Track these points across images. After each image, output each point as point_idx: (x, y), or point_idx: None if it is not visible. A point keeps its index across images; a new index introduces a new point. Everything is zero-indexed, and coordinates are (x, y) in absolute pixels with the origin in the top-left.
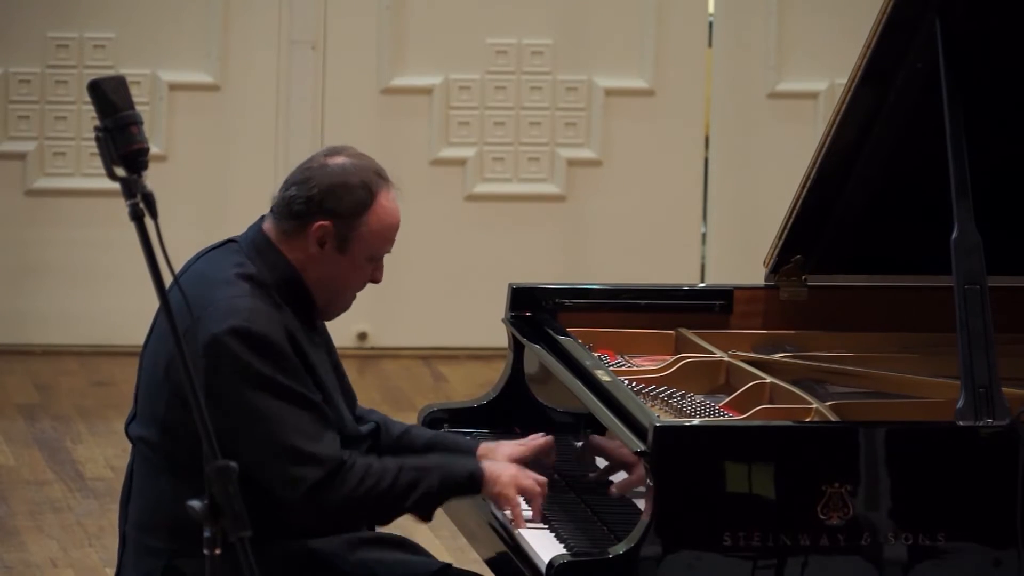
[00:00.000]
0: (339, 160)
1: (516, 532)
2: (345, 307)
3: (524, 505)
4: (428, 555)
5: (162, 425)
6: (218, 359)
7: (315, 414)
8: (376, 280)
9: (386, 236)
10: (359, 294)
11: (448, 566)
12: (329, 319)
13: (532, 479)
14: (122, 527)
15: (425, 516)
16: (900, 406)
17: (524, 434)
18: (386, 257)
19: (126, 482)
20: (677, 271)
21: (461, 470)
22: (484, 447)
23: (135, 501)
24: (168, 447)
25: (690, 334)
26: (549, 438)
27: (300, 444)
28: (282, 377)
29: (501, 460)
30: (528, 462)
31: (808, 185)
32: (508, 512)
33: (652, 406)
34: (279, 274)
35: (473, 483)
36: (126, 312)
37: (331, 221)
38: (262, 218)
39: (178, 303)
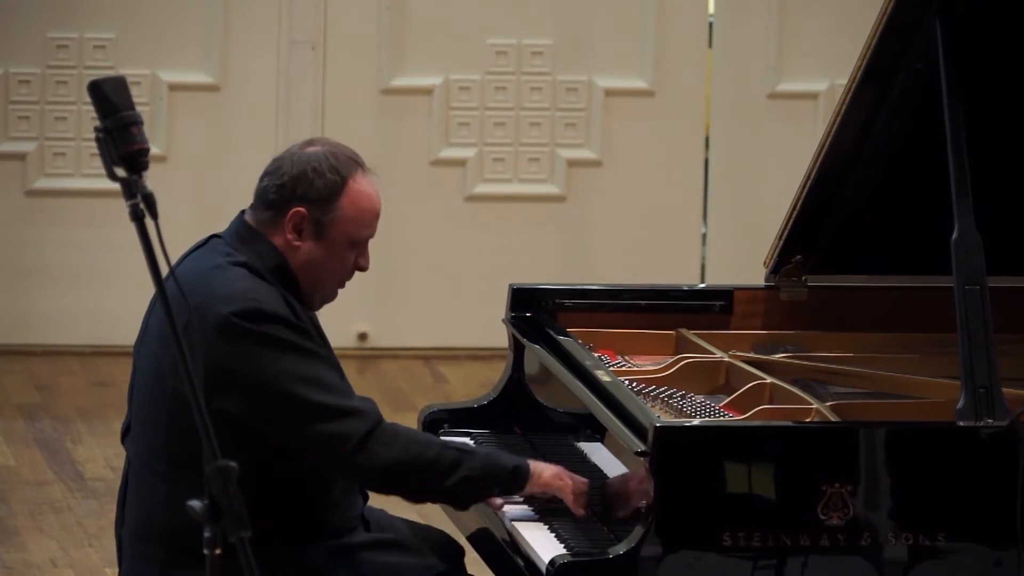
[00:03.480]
0: (311, 149)
1: (517, 534)
2: (329, 297)
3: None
4: (428, 555)
5: (166, 423)
6: (235, 341)
7: (341, 374)
8: (361, 267)
9: (362, 220)
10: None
11: (448, 571)
12: (315, 309)
13: (573, 477)
14: (118, 531)
15: (461, 505)
16: (900, 406)
17: (525, 435)
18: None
19: (122, 486)
20: (677, 271)
21: (506, 462)
22: None
23: (130, 507)
24: (171, 449)
25: (690, 334)
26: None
27: (337, 401)
28: (302, 340)
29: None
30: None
31: (808, 185)
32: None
33: (652, 406)
34: (268, 260)
35: (518, 476)
36: (126, 312)
37: (305, 207)
38: (242, 212)
39: (176, 302)
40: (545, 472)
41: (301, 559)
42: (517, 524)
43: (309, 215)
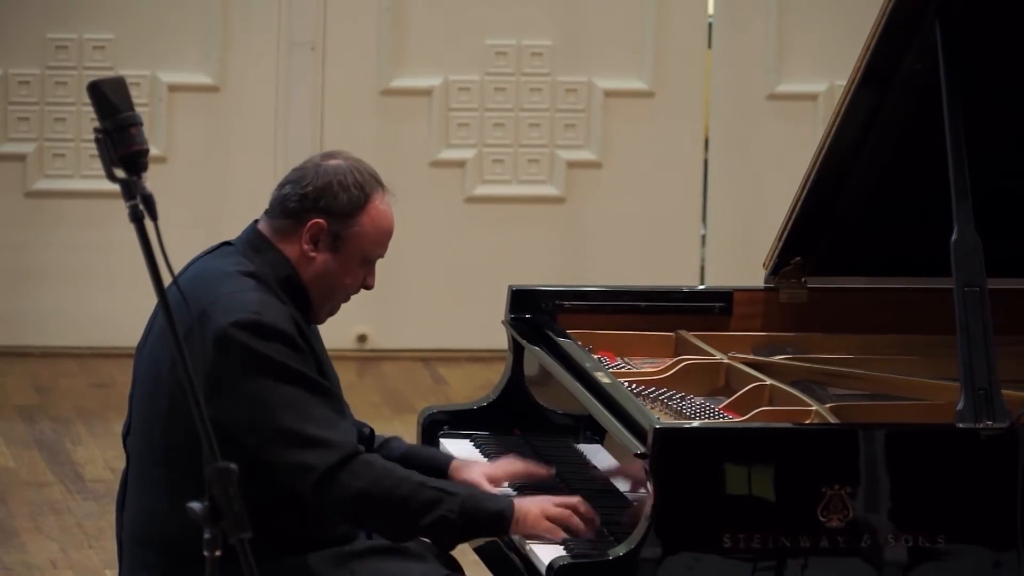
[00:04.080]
0: (334, 162)
1: (517, 536)
2: (334, 311)
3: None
4: (430, 560)
5: (164, 424)
6: (229, 351)
7: (329, 402)
8: (368, 286)
9: (379, 239)
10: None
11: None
12: (318, 322)
13: (561, 505)
14: (119, 534)
15: (442, 546)
16: (900, 408)
17: (524, 436)
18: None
19: (120, 490)
20: (677, 273)
21: (489, 505)
22: (456, 463)
23: (129, 510)
24: (169, 450)
25: (690, 336)
26: (520, 462)
27: (312, 431)
28: (295, 364)
29: (473, 477)
30: (502, 482)
31: (807, 187)
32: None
33: (652, 408)
34: (279, 271)
35: (501, 520)
36: (126, 314)
37: (325, 219)
38: (256, 220)
39: (177, 306)
40: (531, 514)
41: (302, 566)
42: None
43: (328, 228)
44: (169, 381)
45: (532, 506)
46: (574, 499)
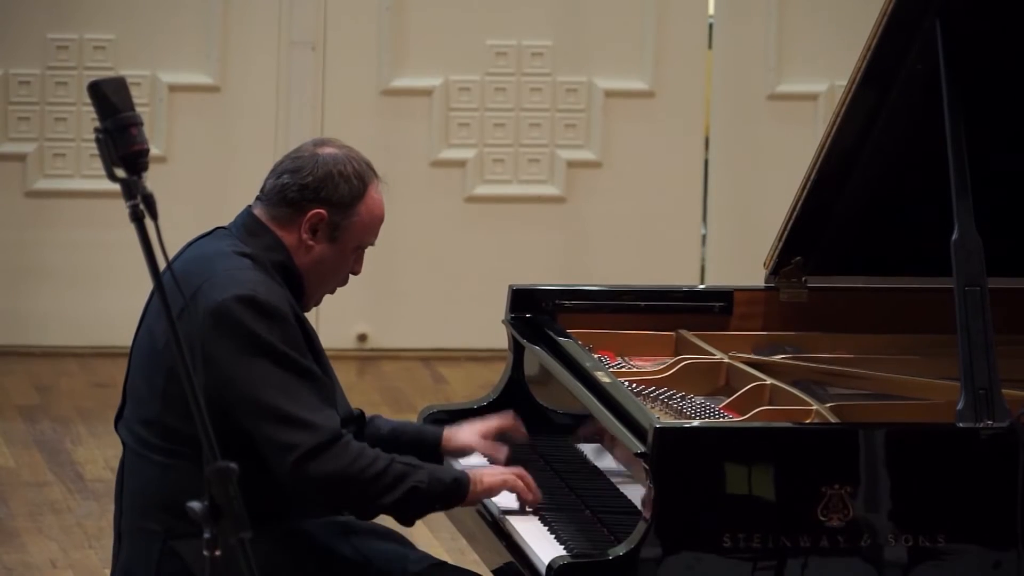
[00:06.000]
0: (330, 150)
1: (515, 532)
2: (318, 302)
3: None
4: (423, 552)
5: (161, 402)
6: (223, 325)
7: (316, 387)
8: (355, 272)
9: (373, 227)
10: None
11: (444, 563)
12: (303, 311)
13: (512, 470)
14: (117, 525)
15: (407, 519)
16: (900, 408)
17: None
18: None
19: (119, 479)
20: (677, 272)
21: (446, 474)
22: (448, 430)
23: (128, 490)
24: (166, 422)
25: (690, 335)
26: (509, 413)
27: (297, 411)
28: (286, 347)
29: (467, 438)
30: (495, 437)
31: (808, 187)
32: (504, 501)
33: (652, 408)
34: (274, 255)
35: (459, 487)
36: (126, 314)
37: (326, 209)
38: (249, 206)
39: (172, 292)
40: (486, 477)
41: (300, 536)
42: (516, 525)
43: (328, 218)
44: (166, 354)
45: (485, 470)
46: (518, 469)
